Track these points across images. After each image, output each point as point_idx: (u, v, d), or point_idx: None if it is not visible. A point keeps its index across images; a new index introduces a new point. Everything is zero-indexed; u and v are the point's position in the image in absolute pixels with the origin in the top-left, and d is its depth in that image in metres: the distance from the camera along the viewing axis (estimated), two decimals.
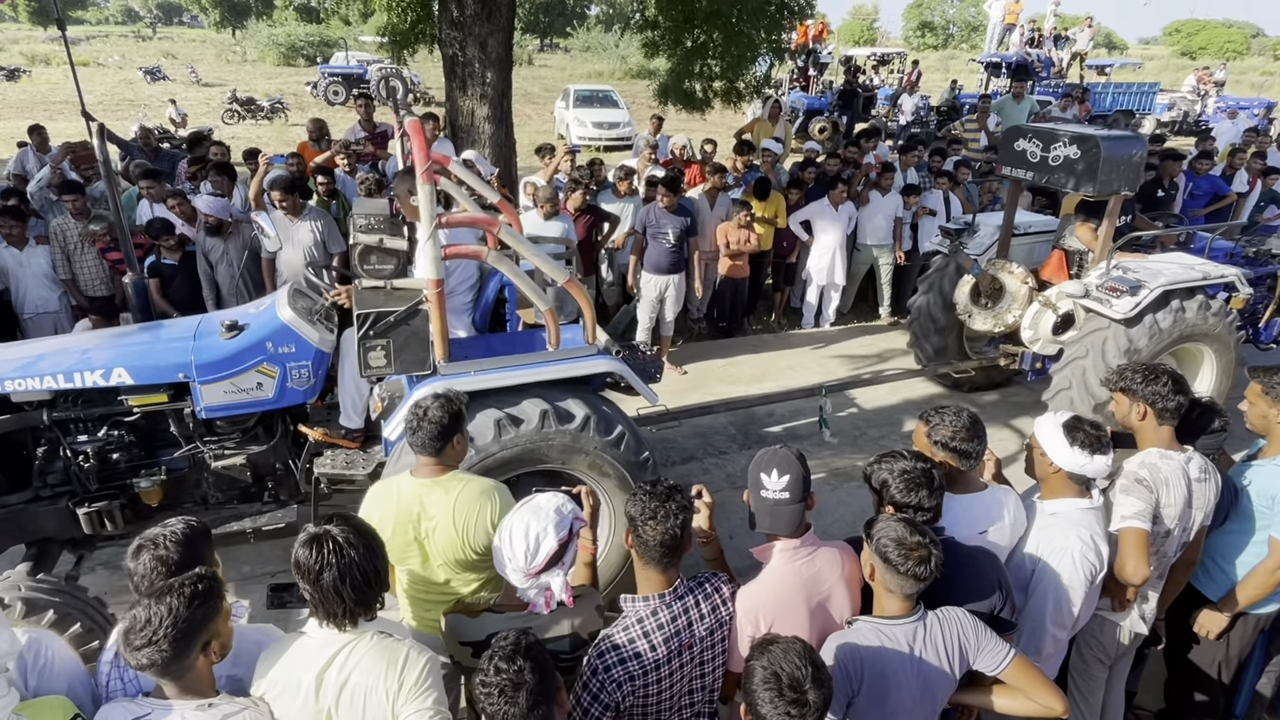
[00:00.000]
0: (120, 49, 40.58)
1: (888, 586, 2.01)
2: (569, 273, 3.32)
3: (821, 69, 21.58)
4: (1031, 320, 5.36)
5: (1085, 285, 5.01)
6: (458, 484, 2.52)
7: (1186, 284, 4.91)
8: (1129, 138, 4.87)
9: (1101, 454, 2.42)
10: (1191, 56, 48.35)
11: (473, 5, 7.72)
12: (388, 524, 2.48)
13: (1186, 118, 21.74)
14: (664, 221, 6.45)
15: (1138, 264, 5.02)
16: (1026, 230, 6.30)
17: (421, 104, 25.10)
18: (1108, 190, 4.82)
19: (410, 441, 2.52)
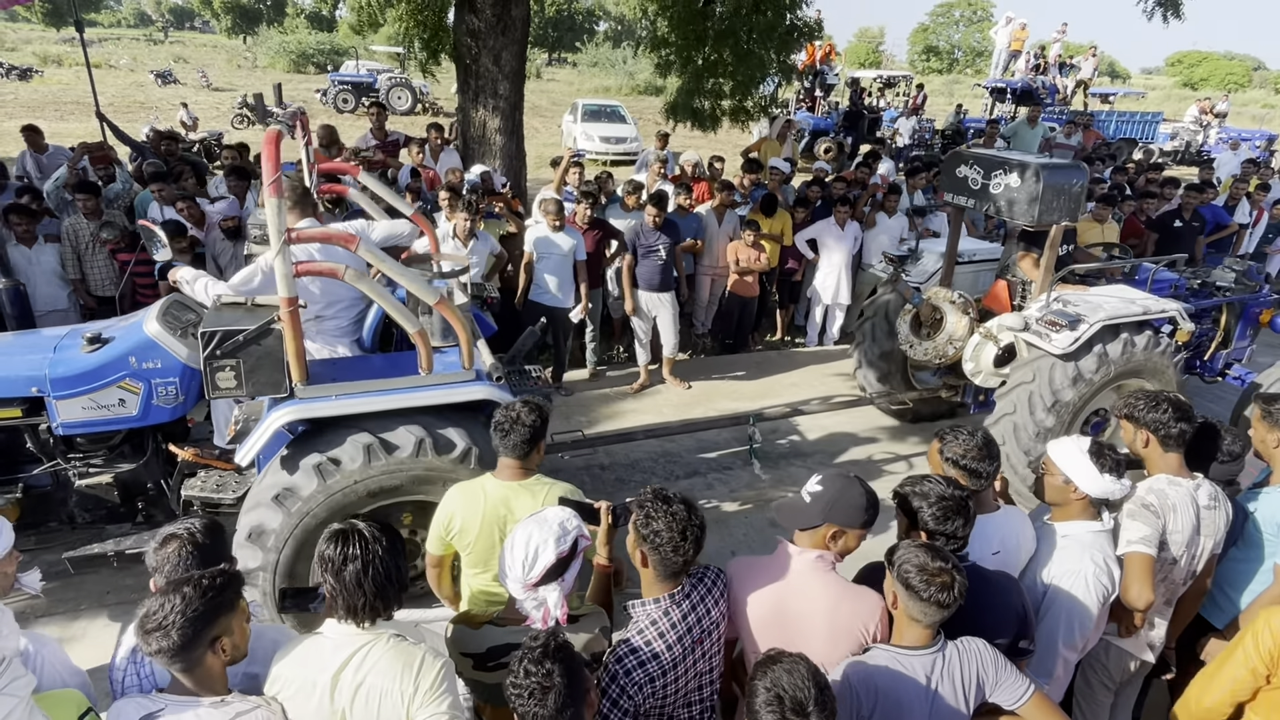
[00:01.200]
0: (132, 51, 40.89)
1: (910, 614, 1.98)
2: (439, 293, 3.13)
3: (828, 90, 21.74)
4: (972, 352, 5.19)
5: (1025, 318, 4.84)
6: (542, 488, 2.65)
7: (1126, 319, 4.78)
8: (1070, 167, 4.73)
9: (1125, 477, 2.45)
10: (1193, 87, 48.78)
11: (489, 18, 7.80)
12: (474, 525, 2.59)
13: (1189, 148, 21.91)
14: (653, 238, 6.43)
15: (1078, 297, 4.87)
16: (971, 258, 6.13)
17: (430, 114, 25.27)
18: (1048, 220, 4.67)
19: (500, 444, 2.62)
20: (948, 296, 5.42)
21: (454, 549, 2.71)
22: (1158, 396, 2.71)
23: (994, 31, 22.87)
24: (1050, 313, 4.70)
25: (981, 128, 18.41)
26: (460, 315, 3.27)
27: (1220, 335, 6.04)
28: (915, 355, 5.54)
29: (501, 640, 2.15)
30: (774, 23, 9.19)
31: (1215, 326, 6.06)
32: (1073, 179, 4.64)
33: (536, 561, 2.07)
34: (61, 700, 1.81)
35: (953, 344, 5.26)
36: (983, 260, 6.13)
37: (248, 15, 54.21)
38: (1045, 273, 4.93)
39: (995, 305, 5.54)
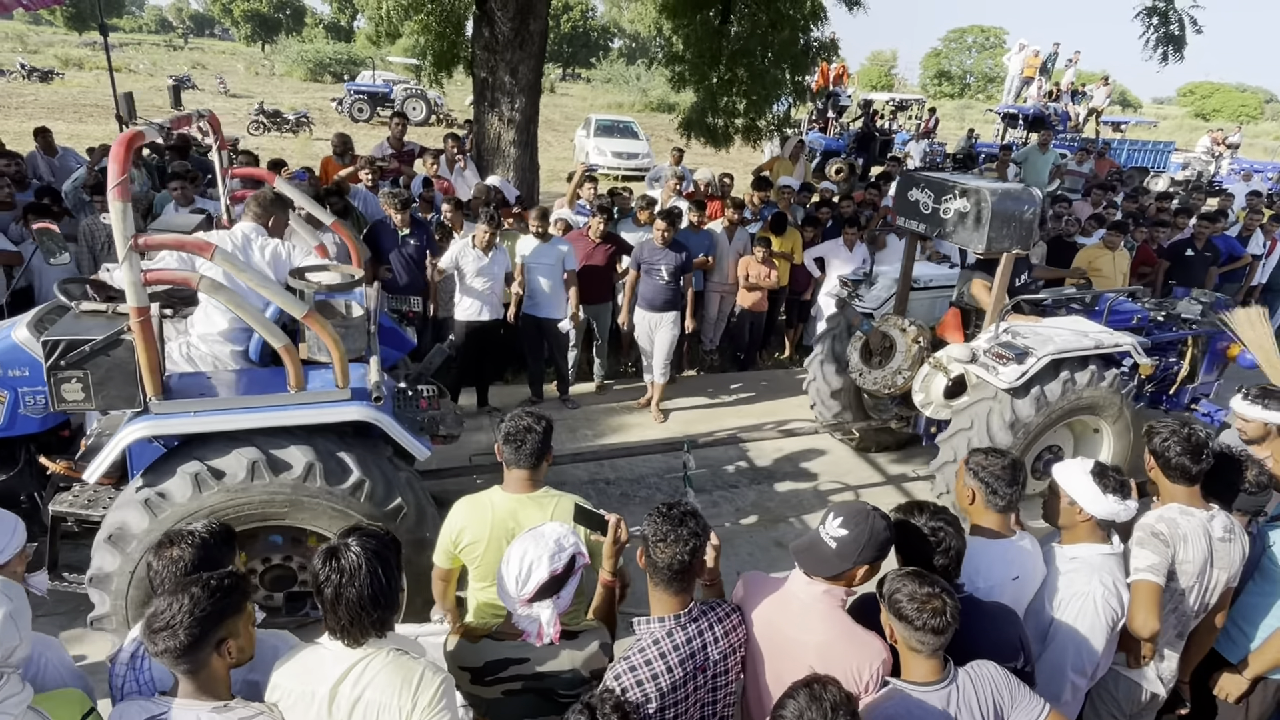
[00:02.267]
0: (152, 57, 41.43)
1: (910, 645, 1.95)
2: (306, 308, 2.98)
3: (841, 111, 21.85)
4: (922, 383, 4.99)
5: (973, 349, 4.65)
6: (550, 500, 2.61)
7: (1077, 352, 4.59)
8: (1021, 193, 4.51)
9: (1130, 498, 2.42)
10: (1205, 118, 48.93)
11: (506, 31, 7.88)
12: (482, 538, 2.56)
13: (1200, 178, 21.90)
14: (658, 257, 6.26)
15: (1029, 328, 4.70)
16: (927, 284, 5.90)
17: (444, 125, 25.49)
18: (997, 248, 4.48)
19: (512, 458, 2.58)
20: (898, 324, 5.23)
21: (461, 562, 2.68)
22: (1171, 427, 2.66)
23: (1007, 58, 22.98)
24: (998, 344, 4.53)
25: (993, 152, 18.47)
26: (330, 330, 3.07)
27: (1186, 369, 5.81)
28: (864, 384, 5.36)
29: (499, 655, 2.14)
30: (790, 42, 9.26)
31: (1181, 360, 5.84)
32: (1023, 206, 4.45)
33: (530, 578, 2.05)
34: (64, 700, 1.81)
35: (901, 374, 5.07)
36: (940, 287, 5.89)
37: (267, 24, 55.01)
38: (995, 303, 4.74)
39: (948, 334, 5.33)
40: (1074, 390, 4.56)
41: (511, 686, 2.13)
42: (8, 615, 1.71)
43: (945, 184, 4.68)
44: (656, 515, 2.08)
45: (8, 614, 1.71)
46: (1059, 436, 4.98)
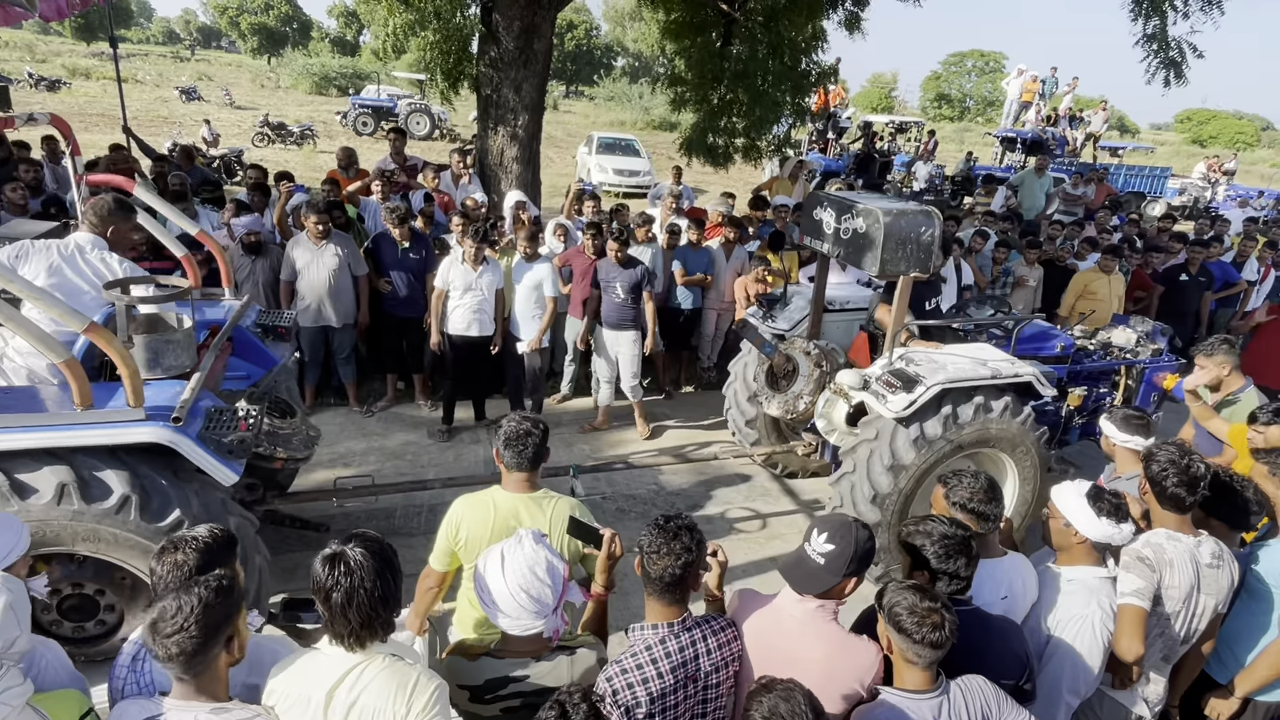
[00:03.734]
0: (159, 68, 41.75)
1: (906, 657, 1.98)
2: (87, 320, 2.77)
3: (840, 133, 22.05)
4: (823, 409, 4.81)
5: (865, 376, 4.43)
6: (550, 500, 2.74)
7: (971, 382, 4.29)
8: (919, 214, 4.26)
9: (1125, 522, 2.45)
10: (1202, 144, 49.30)
11: (511, 49, 7.99)
12: (483, 537, 2.63)
13: (1197, 203, 22.08)
14: (613, 275, 6.16)
15: (925, 356, 4.44)
16: (843, 306, 5.63)
17: (447, 140, 25.68)
18: (892, 271, 4.26)
19: (512, 461, 2.68)
20: (803, 347, 5.04)
21: (457, 564, 2.73)
22: (1170, 456, 2.66)
23: (1006, 83, 23.22)
24: (889, 372, 4.31)
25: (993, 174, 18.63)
26: (118, 346, 2.85)
27: (1120, 400, 5.55)
28: (768, 410, 5.17)
29: (499, 672, 2.14)
30: (790, 65, 9.38)
31: (1114, 391, 5.60)
32: (921, 227, 4.21)
33: (557, 578, 2.10)
34: (63, 700, 1.83)
35: (803, 399, 4.90)
36: (856, 309, 5.65)
37: (273, 37, 55.48)
38: (893, 328, 4.50)
39: (859, 358, 5.17)
40: (967, 422, 4.28)
41: (511, 704, 2.14)
42: (8, 605, 1.73)
43: (844, 203, 4.49)
44: (653, 527, 2.13)
45: (8, 604, 1.73)
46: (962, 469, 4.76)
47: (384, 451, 6.04)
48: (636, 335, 6.33)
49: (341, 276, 6.08)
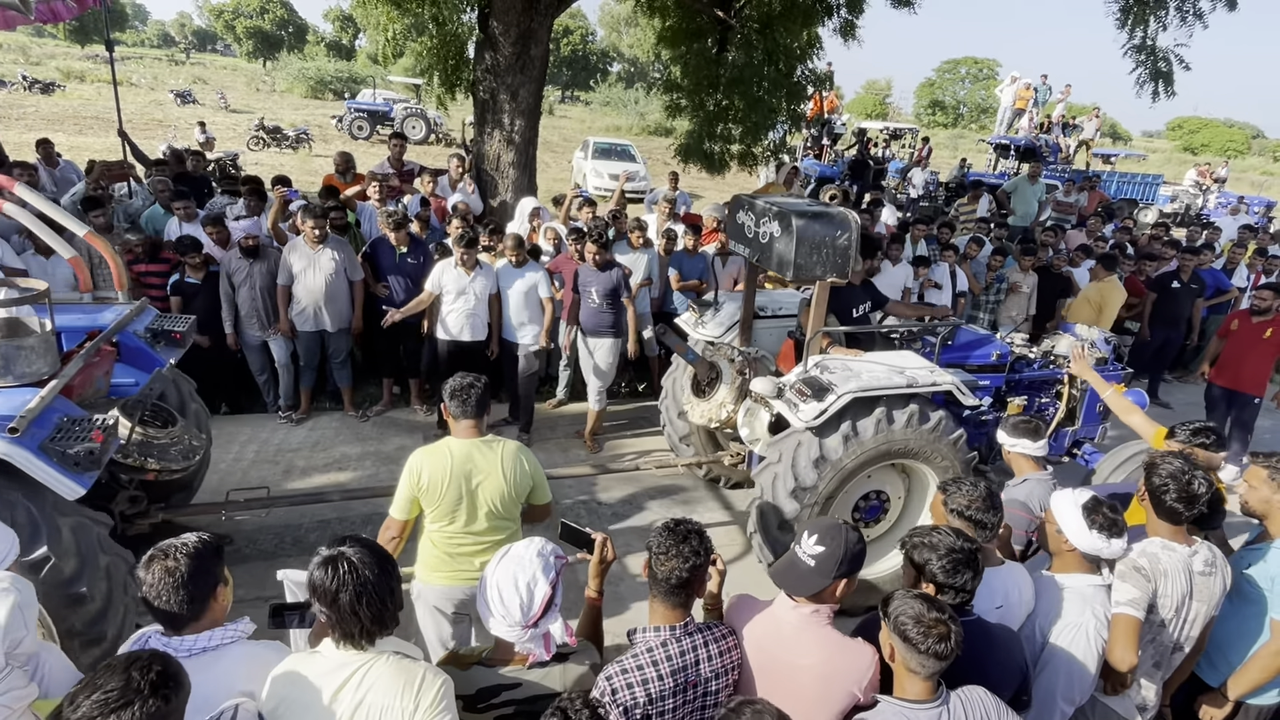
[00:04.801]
0: (153, 71, 41.64)
1: (909, 667, 1.97)
2: None
3: (835, 139, 22.14)
4: (745, 417, 4.69)
5: (780, 384, 4.26)
6: (498, 442, 3.08)
7: (885, 390, 4.12)
8: (834, 217, 4.11)
9: (1118, 537, 2.44)
10: (1193, 152, 49.67)
11: (509, 55, 8.01)
12: (442, 479, 2.94)
13: (1188, 210, 22.23)
14: (590, 279, 6.10)
15: (840, 363, 4.31)
16: (775, 312, 5.48)
17: (443, 145, 25.68)
18: (807, 275, 4.13)
19: (459, 411, 3.02)
20: (727, 354, 4.93)
21: (417, 512, 3.03)
22: (1172, 469, 2.66)
23: (1000, 90, 23.38)
24: (803, 380, 4.17)
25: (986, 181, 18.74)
26: None
27: (1063, 411, 5.41)
28: (692, 417, 5.04)
29: (491, 681, 2.14)
30: (786, 72, 9.42)
31: (1057, 401, 5.46)
32: (836, 231, 4.07)
33: (534, 599, 2.07)
34: None
35: (726, 407, 4.77)
36: (788, 315, 5.49)
37: (269, 41, 55.43)
38: (810, 334, 4.36)
39: (787, 366, 5.01)
40: (879, 432, 4.12)
41: (504, 712, 2.13)
42: (15, 605, 1.73)
43: (762, 206, 4.37)
44: (662, 530, 2.15)
45: (15, 604, 1.73)
46: (886, 482, 4.61)
47: (379, 456, 6.03)
48: (614, 343, 6.23)
49: (337, 281, 6.08)
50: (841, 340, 4.75)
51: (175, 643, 1.95)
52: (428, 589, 3.14)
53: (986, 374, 5.17)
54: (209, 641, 1.98)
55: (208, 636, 1.98)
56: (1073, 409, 5.44)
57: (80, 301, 4.31)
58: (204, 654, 1.96)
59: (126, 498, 3.88)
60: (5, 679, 1.69)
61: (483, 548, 3.06)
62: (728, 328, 5.36)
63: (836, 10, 9.38)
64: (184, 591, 1.92)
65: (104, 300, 4.36)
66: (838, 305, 4.76)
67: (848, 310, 4.92)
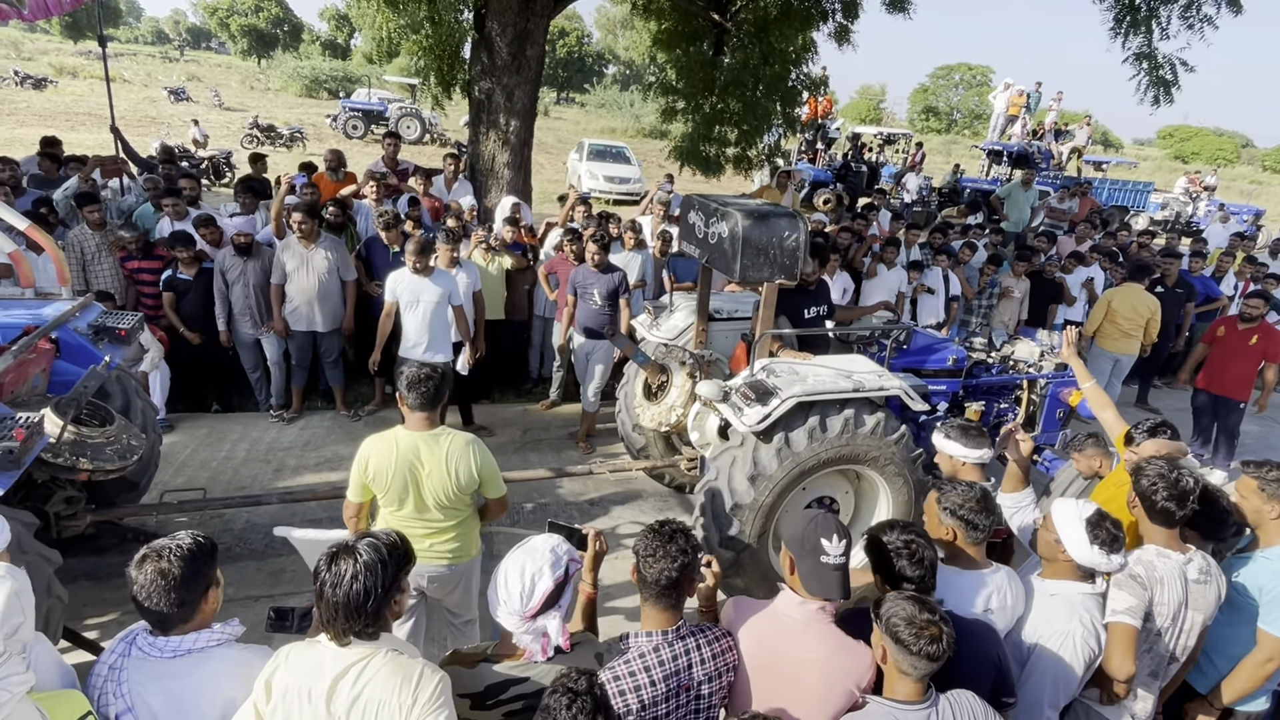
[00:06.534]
0: (147, 68, 41.44)
1: (900, 668, 1.98)
2: None
3: (829, 143, 22.24)
4: (695, 420, 4.58)
5: (725, 387, 4.12)
6: (446, 436, 3.09)
7: (830, 395, 3.98)
8: (781, 216, 4.02)
9: (1117, 553, 2.44)
10: (1184, 160, 50.03)
11: (504, 56, 8.02)
12: (388, 469, 2.99)
13: (1179, 218, 22.42)
14: (590, 280, 6.04)
15: (787, 366, 4.18)
16: (731, 315, 5.34)
17: (438, 144, 25.64)
18: (753, 276, 4.02)
19: (414, 402, 3.03)
20: (679, 357, 4.83)
21: (371, 494, 3.10)
22: (1159, 470, 2.66)
23: (993, 97, 23.51)
24: (748, 383, 4.05)
25: (979, 187, 18.82)
26: None
27: (1022, 417, 5.30)
28: (642, 421, 4.92)
29: (498, 677, 2.14)
30: (781, 75, 9.46)
31: (1016, 407, 5.35)
32: (783, 232, 3.96)
33: (535, 591, 2.08)
34: (64, 701, 1.82)
35: (675, 410, 4.67)
36: (743, 318, 5.36)
37: (264, 39, 55.24)
38: (758, 337, 4.28)
39: (738, 368, 4.85)
40: (825, 437, 3.99)
41: (513, 707, 2.14)
42: (13, 592, 1.73)
43: (711, 206, 4.27)
44: (648, 532, 2.15)
45: (13, 591, 1.73)
46: (832, 487, 4.49)
47: None
48: (609, 345, 6.16)
49: (330, 281, 6.07)
50: (793, 344, 4.68)
51: (161, 643, 1.94)
52: None
53: (943, 379, 5.10)
54: (195, 643, 1.96)
55: (194, 638, 1.96)
56: (1032, 414, 5.34)
57: (21, 297, 4.21)
58: (190, 655, 1.95)
59: (63, 498, 3.78)
60: (3, 665, 1.68)
61: (433, 531, 3.14)
62: (682, 330, 5.26)
63: (831, 15, 9.44)
64: (175, 594, 1.91)
65: (46, 296, 4.27)
66: (788, 308, 4.66)
67: (798, 313, 4.82)
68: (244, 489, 5.33)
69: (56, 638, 3.21)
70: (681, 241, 4.87)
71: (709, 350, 5.11)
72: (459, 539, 3.21)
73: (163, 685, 1.92)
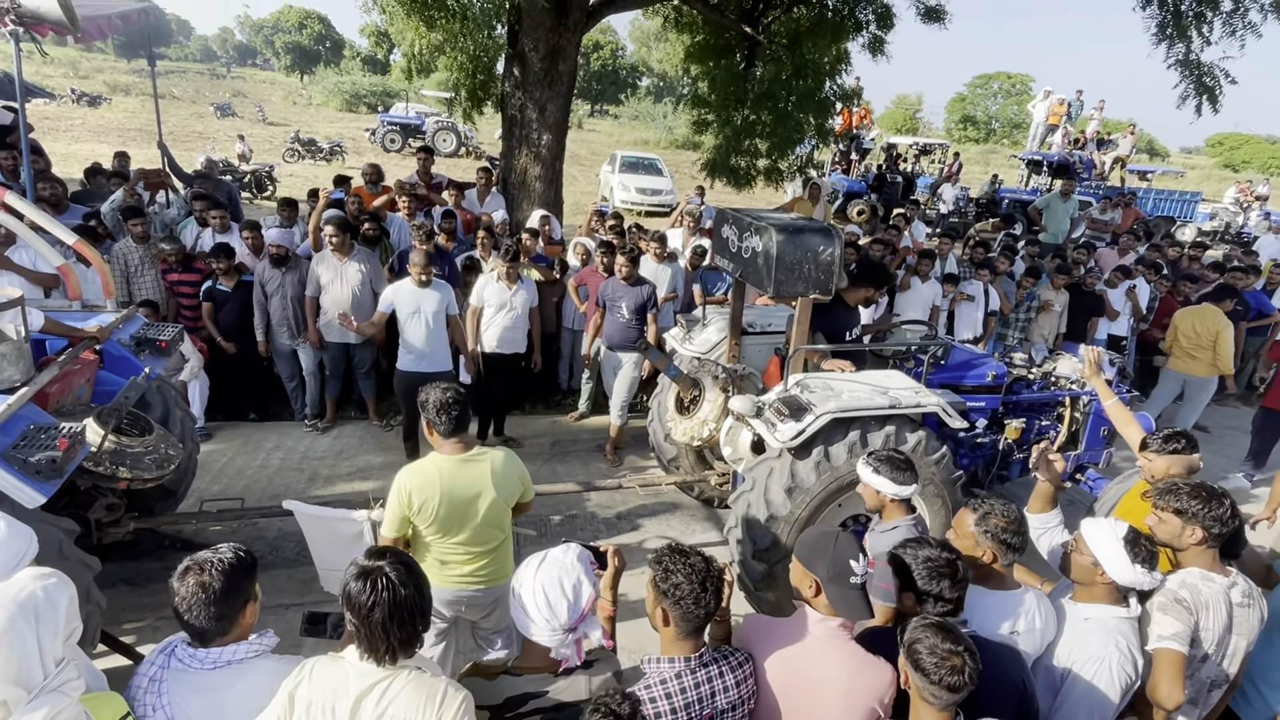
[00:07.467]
0: (195, 84, 42.82)
1: (923, 696, 1.93)
2: None
3: (864, 154, 22.05)
4: (728, 435, 4.54)
5: (759, 402, 4.08)
6: (485, 455, 3.06)
7: (865, 411, 3.93)
8: (817, 231, 3.97)
9: (1156, 569, 2.39)
10: (1234, 169, 48.55)
11: (537, 71, 8.10)
12: (434, 499, 2.91)
13: (1228, 229, 21.75)
14: (619, 294, 6.02)
15: (822, 382, 4.14)
16: (764, 328, 5.29)
17: (473, 157, 26.01)
18: (787, 292, 3.98)
19: (444, 428, 2.97)
20: (711, 371, 4.79)
21: (407, 530, 3.02)
22: (1212, 492, 2.59)
23: (1032, 106, 23.13)
24: (782, 399, 3.99)
25: (1018, 198, 18.48)
26: None
27: (1065, 435, 5.16)
28: (675, 435, 4.88)
29: (518, 690, 2.12)
30: (814, 88, 9.40)
31: (1058, 424, 5.21)
32: (819, 246, 3.93)
33: (580, 600, 2.08)
34: (106, 703, 1.85)
35: (707, 425, 4.62)
36: (777, 332, 5.29)
37: (307, 55, 56.71)
38: (792, 351, 4.24)
39: (771, 383, 4.86)
40: (855, 455, 3.90)
41: None
42: (71, 598, 1.78)
43: (746, 220, 4.24)
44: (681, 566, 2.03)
45: (71, 597, 1.78)
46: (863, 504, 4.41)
47: (402, 466, 6.06)
48: (638, 358, 6.14)
49: (363, 293, 6.17)
50: (829, 358, 4.64)
51: (201, 654, 1.97)
52: None
53: (982, 395, 4.97)
54: (234, 655, 1.98)
55: (233, 650, 1.99)
56: (1075, 432, 5.19)
57: (69, 309, 4.36)
58: (229, 667, 1.97)
59: (103, 505, 3.91)
60: (64, 671, 1.72)
61: (473, 556, 3.10)
62: (714, 344, 5.22)
63: (866, 26, 9.35)
64: (215, 608, 1.94)
65: (92, 308, 4.41)
66: (830, 326, 4.60)
67: (841, 332, 4.74)
68: (278, 497, 5.41)
69: (95, 642, 3.29)
70: (715, 256, 4.84)
71: (742, 364, 5.07)
72: (497, 560, 3.19)
73: (203, 697, 1.94)
